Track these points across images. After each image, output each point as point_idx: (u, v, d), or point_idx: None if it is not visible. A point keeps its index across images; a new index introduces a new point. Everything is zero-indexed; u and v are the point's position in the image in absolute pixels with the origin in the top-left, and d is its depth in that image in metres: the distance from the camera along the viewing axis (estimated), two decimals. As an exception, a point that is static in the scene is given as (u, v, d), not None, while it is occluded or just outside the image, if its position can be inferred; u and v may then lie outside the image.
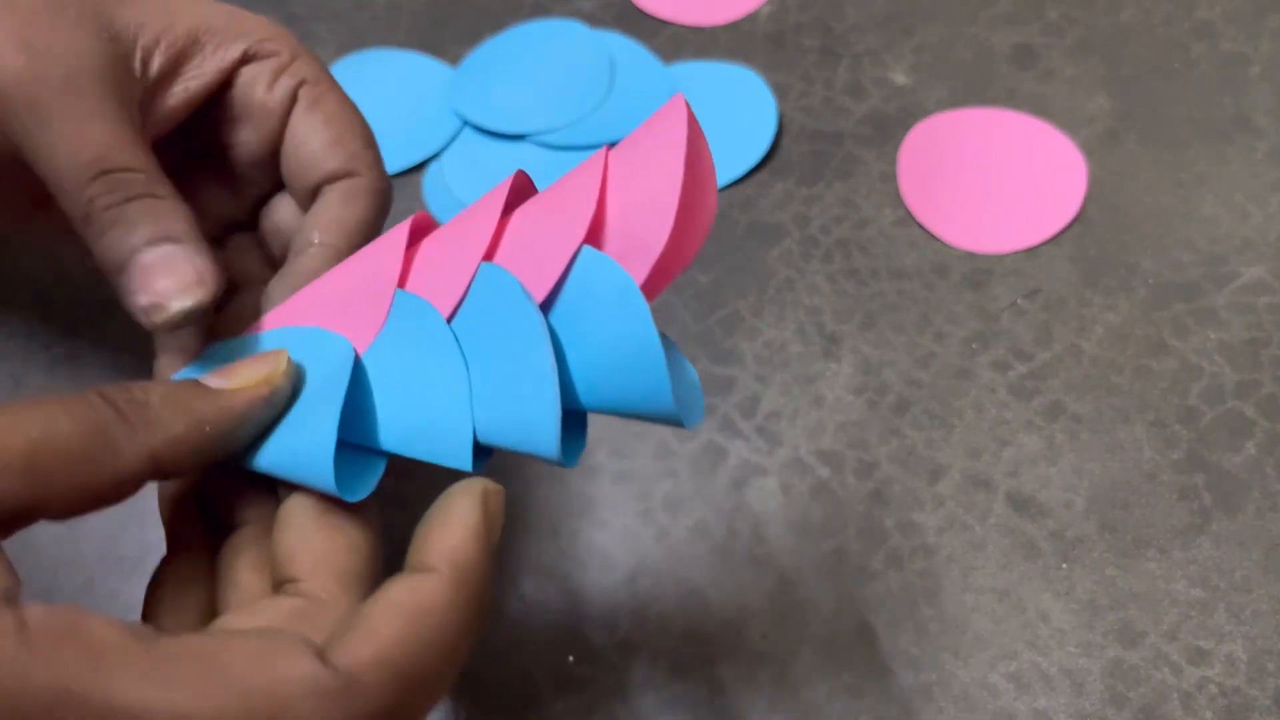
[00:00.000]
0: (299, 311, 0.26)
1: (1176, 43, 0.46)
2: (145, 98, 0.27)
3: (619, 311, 0.21)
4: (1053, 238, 0.41)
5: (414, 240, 0.25)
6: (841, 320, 0.39)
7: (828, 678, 0.33)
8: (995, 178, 0.43)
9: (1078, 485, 0.36)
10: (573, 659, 0.34)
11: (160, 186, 0.26)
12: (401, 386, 0.24)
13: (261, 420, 0.24)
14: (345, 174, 0.28)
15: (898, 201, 0.42)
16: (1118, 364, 0.38)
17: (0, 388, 0.39)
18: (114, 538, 0.36)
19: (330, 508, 0.24)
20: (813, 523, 0.35)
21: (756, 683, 0.33)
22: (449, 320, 0.23)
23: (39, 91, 0.25)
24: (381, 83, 0.47)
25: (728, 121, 0.44)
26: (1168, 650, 0.33)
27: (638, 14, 0.48)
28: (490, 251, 0.23)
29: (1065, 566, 0.34)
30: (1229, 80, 0.44)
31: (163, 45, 0.27)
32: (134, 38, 0.27)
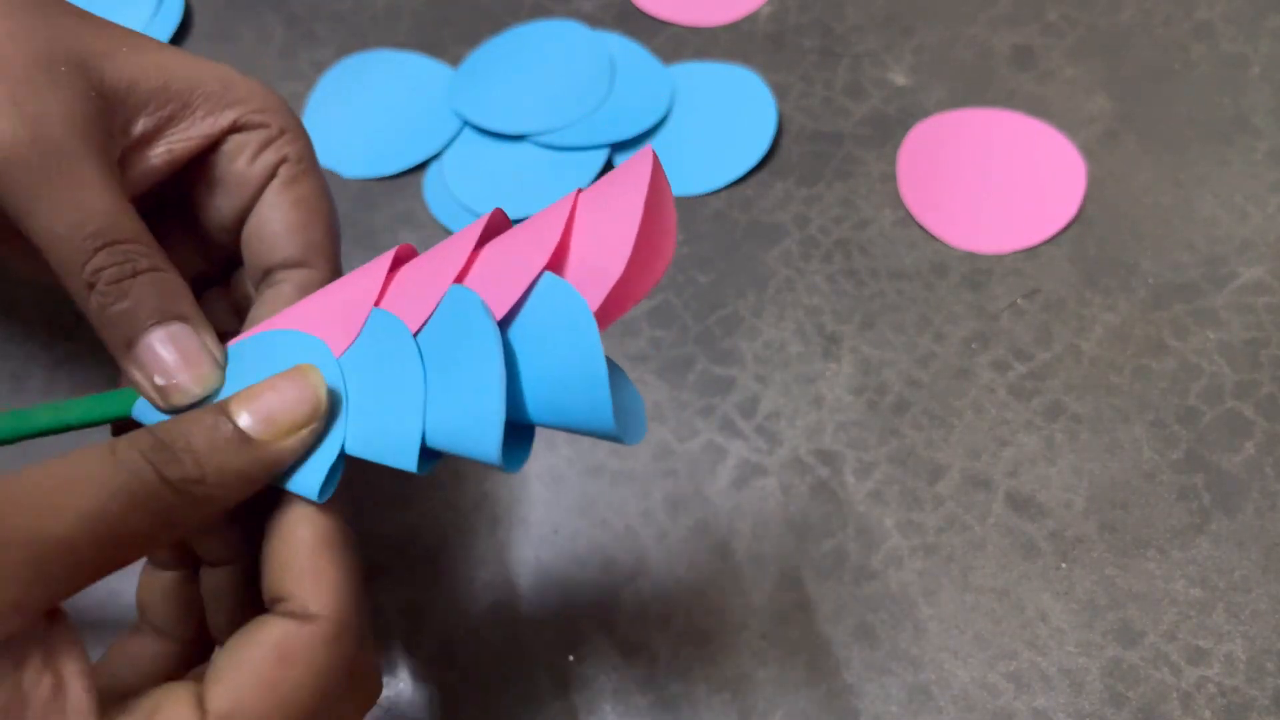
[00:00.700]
0: (283, 325, 0.26)
1: (1176, 43, 0.46)
2: (126, 156, 0.27)
3: (571, 333, 0.22)
4: (1052, 238, 0.41)
5: (395, 268, 0.26)
6: (841, 320, 0.39)
7: (827, 677, 0.33)
8: (995, 178, 0.43)
9: (1077, 485, 0.36)
10: (573, 659, 0.34)
11: (161, 258, 0.25)
12: (364, 393, 0.24)
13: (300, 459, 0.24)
14: (298, 264, 0.27)
15: (897, 202, 0.42)
16: (1117, 364, 0.38)
17: (0, 388, 0.39)
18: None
19: (322, 527, 0.24)
20: (813, 523, 0.35)
21: (756, 682, 0.33)
22: (416, 334, 0.24)
23: (33, 159, 0.24)
24: (382, 83, 0.47)
25: (728, 122, 0.44)
26: (1167, 650, 0.33)
27: (638, 14, 0.48)
28: (461, 276, 0.24)
29: (1064, 566, 0.34)
30: (1229, 81, 0.45)
31: (151, 107, 0.27)
32: (123, 96, 0.26)
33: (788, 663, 0.33)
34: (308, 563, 0.23)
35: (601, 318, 0.23)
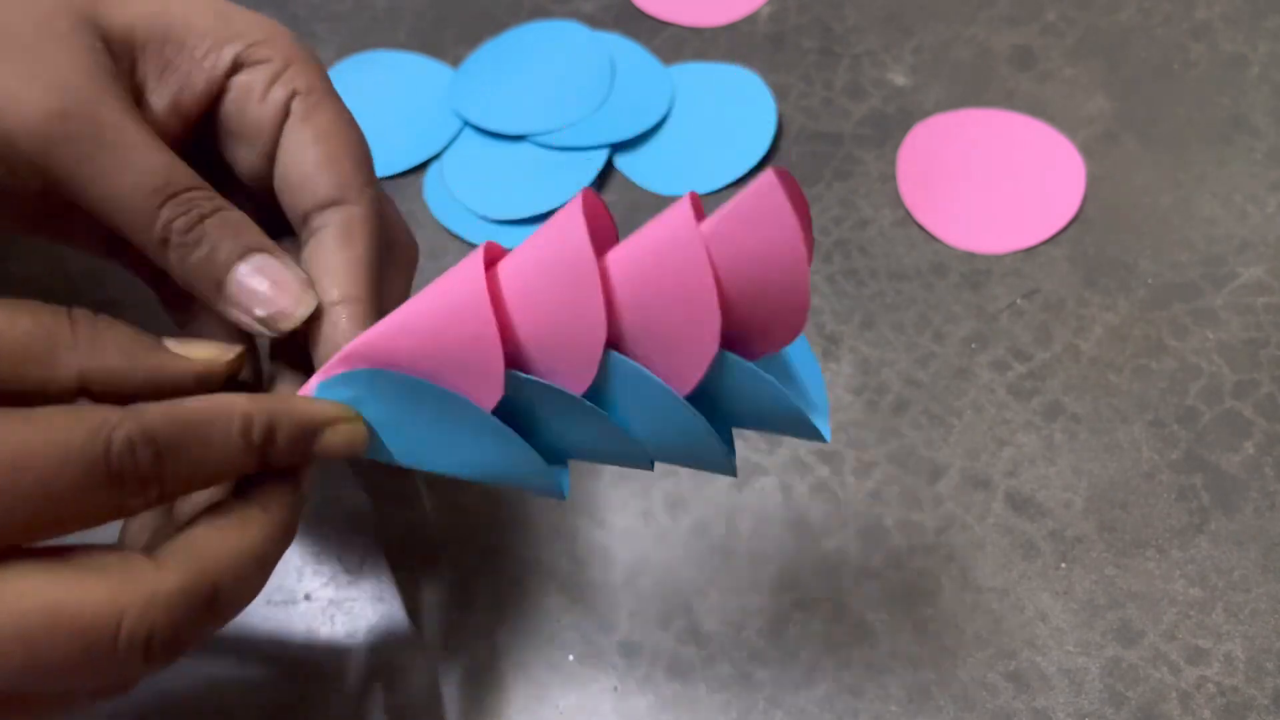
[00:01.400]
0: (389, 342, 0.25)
1: (1175, 43, 0.46)
2: (136, 100, 0.26)
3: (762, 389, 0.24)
4: (1051, 238, 0.41)
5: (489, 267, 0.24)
6: (841, 320, 0.39)
7: (827, 677, 0.33)
8: (994, 178, 0.43)
9: (1076, 485, 0.36)
10: (573, 659, 0.34)
11: (219, 197, 0.25)
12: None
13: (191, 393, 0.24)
14: (334, 202, 0.26)
15: (897, 202, 0.42)
16: (1116, 364, 0.38)
17: None
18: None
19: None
20: (812, 523, 0.35)
21: (756, 682, 0.33)
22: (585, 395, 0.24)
23: (71, 131, 0.24)
24: (382, 84, 0.47)
25: (727, 122, 0.44)
26: (1166, 649, 0.33)
27: (638, 15, 0.48)
28: (612, 334, 0.23)
29: (1064, 566, 0.34)
30: (1228, 81, 0.45)
31: (150, 50, 0.26)
32: (124, 42, 0.26)
33: (787, 663, 0.33)
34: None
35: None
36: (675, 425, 0.24)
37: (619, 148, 0.44)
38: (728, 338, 0.23)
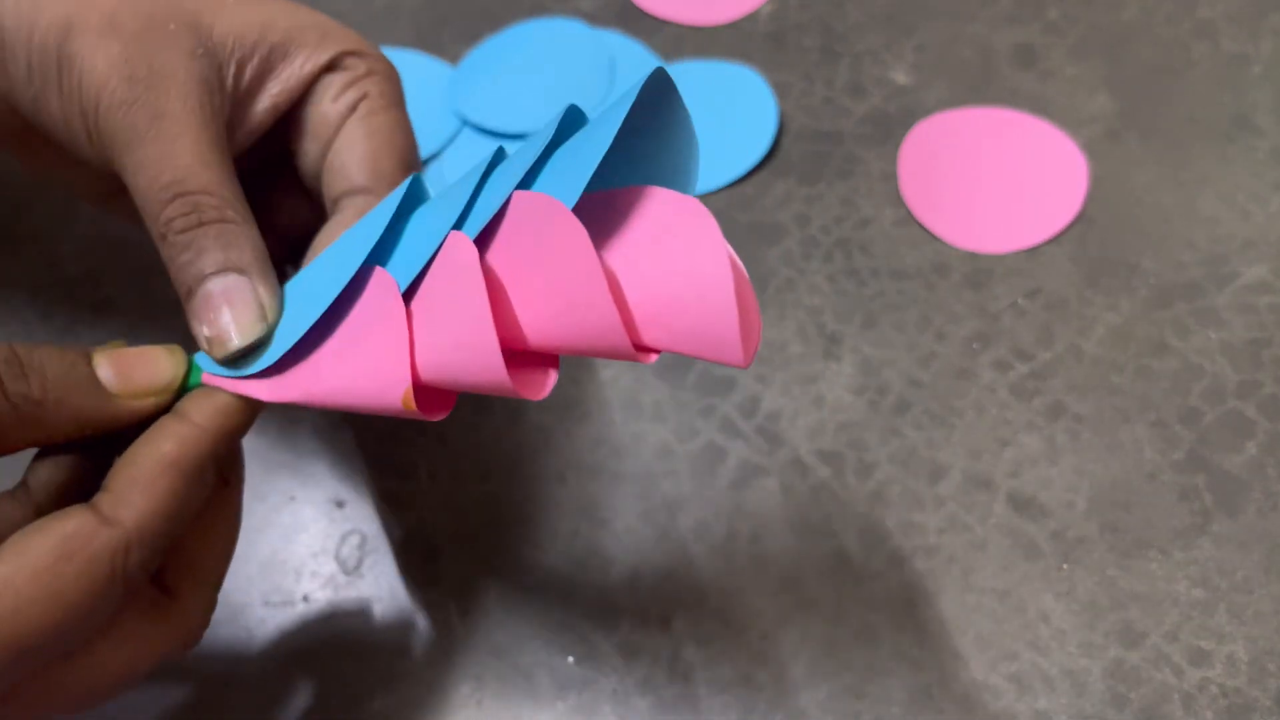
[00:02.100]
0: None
1: (1178, 42, 0.46)
2: (235, 109, 0.28)
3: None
4: (1054, 237, 0.41)
5: None
6: (842, 320, 0.39)
7: (828, 678, 0.33)
8: (996, 177, 0.43)
9: (1079, 485, 0.36)
10: (572, 659, 0.33)
11: (233, 210, 0.26)
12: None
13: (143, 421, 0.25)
14: (364, 190, 0.28)
15: (898, 201, 0.42)
16: (1119, 364, 0.38)
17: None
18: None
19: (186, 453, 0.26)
20: (813, 523, 0.35)
21: (757, 683, 0.33)
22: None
23: (135, 117, 0.26)
24: (381, 82, 0.47)
25: (728, 121, 0.44)
26: (1169, 651, 0.33)
27: (638, 13, 0.48)
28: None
29: (1066, 567, 0.34)
30: (1230, 80, 0.44)
31: (255, 59, 0.28)
32: (230, 51, 0.27)
33: (788, 664, 0.33)
34: (147, 473, 0.24)
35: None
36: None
37: (619, 146, 0.44)
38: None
